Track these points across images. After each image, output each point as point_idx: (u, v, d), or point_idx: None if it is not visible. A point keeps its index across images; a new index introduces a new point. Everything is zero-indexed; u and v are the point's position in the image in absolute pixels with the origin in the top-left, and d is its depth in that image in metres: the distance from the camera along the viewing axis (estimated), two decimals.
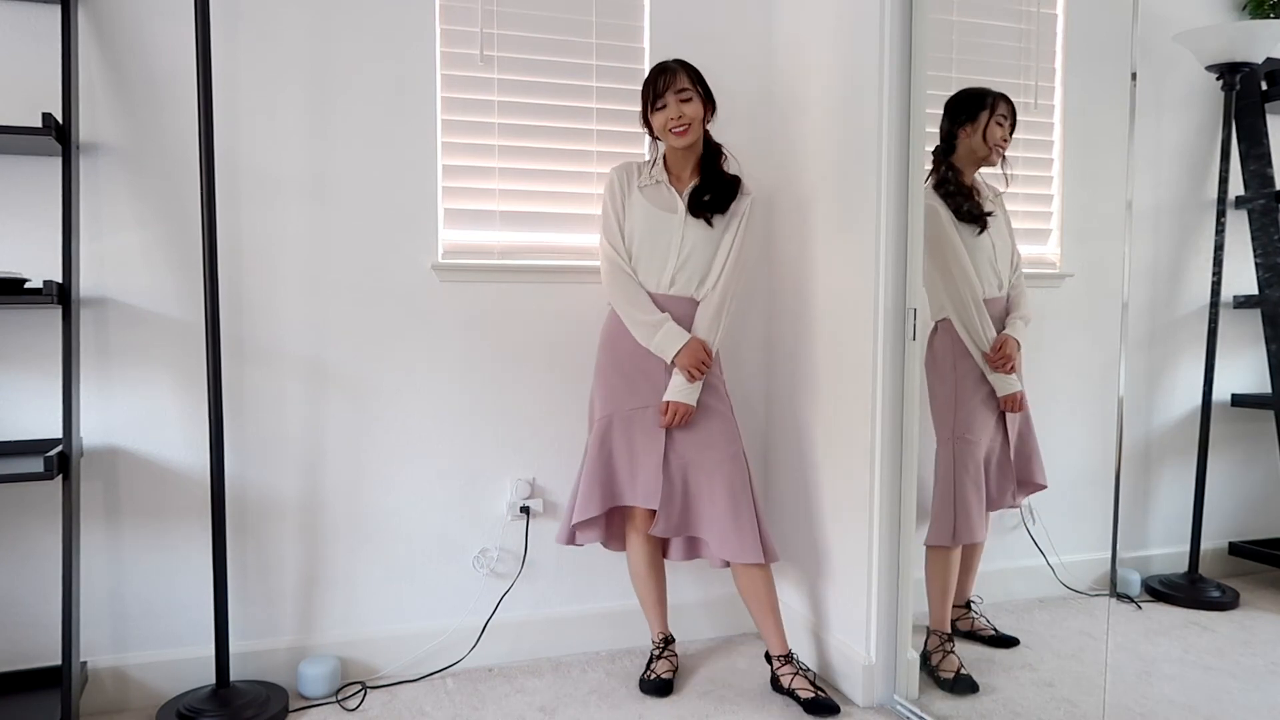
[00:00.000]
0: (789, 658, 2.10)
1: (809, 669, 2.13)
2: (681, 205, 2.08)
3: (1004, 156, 2.11)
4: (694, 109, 2.03)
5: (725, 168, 2.13)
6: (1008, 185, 2.14)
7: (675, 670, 2.20)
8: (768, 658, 2.13)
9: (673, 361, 2.04)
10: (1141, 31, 1.69)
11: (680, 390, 2.03)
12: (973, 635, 2.23)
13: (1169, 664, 2.11)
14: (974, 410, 2.11)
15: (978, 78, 2.15)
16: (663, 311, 2.06)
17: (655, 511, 2.07)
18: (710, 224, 2.07)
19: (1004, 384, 2.10)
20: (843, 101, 2.14)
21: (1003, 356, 2.08)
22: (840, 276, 2.17)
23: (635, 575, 2.22)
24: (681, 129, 2.02)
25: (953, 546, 2.11)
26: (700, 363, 2.04)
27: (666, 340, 2.04)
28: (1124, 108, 1.69)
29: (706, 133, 2.12)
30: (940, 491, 2.12)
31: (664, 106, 2.02)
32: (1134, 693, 1.99)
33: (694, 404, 2.04)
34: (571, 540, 2.16)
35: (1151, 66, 2.26)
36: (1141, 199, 2.28)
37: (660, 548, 2.23)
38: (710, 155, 2.12)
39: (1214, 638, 2.21)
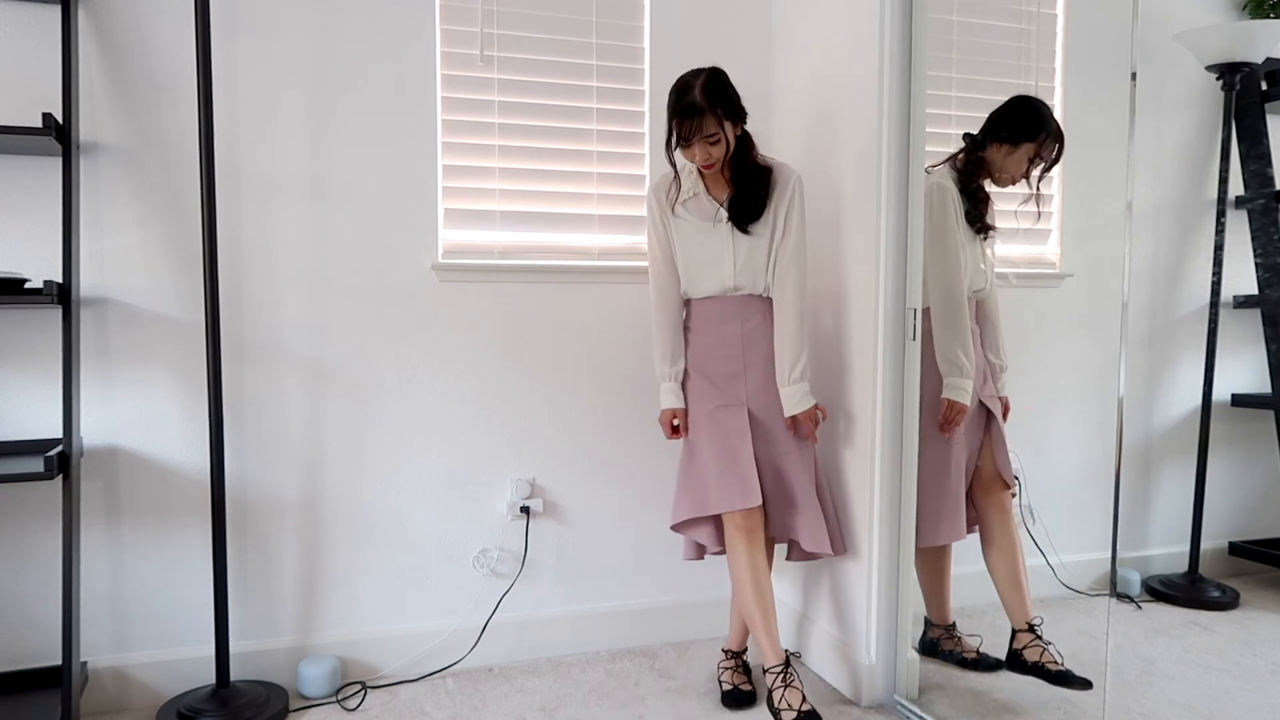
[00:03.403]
0: (735, 655, 2.17)
1: (747, 667, 2.17)
2: (724, 214, 2.00)
3: (1039, 194, 2.03)
4: (720, 150, 1.91)
5: (757, 161, 2.00)
6: (1038, 221, 2.09)
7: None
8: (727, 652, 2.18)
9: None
10: (1141, 31, 1.68)
11: (796, 399, 1.98)
12: (1040, 669, 2.00)
13: (1169, 664, 2.11)
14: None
15: (978, 78, 2.15)
16: (734, 312, 2.01)
17: (756, 512, 1.99)
18: (748, 232, 1.98)
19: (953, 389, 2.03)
20: (843, 102, 2.14)
21: (947, 421, 2.03)
22: (840, 276, 2.17)
23: (740, 584, 1.98)
24: (709, 167, 1.94)
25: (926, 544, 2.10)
26: (664, 426, 2.06)
27: (662, 395, 2.07)
28: (1124, 108, 1.69)
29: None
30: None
31: (689, 148, 1.90)
32: (1134, 693, 1.99)
33: (813, 404, 1.99)
34: (699, 555, 2.08)
35: (1151, 66, 2.26)
36: (1141, 199, 2.28)
37: (765, 548, 2.06)
38: (740, 156, 1.98)
39: (1214, 638, 2.21)
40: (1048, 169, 2.00)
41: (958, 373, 2.01)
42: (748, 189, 1.98)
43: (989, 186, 2.07)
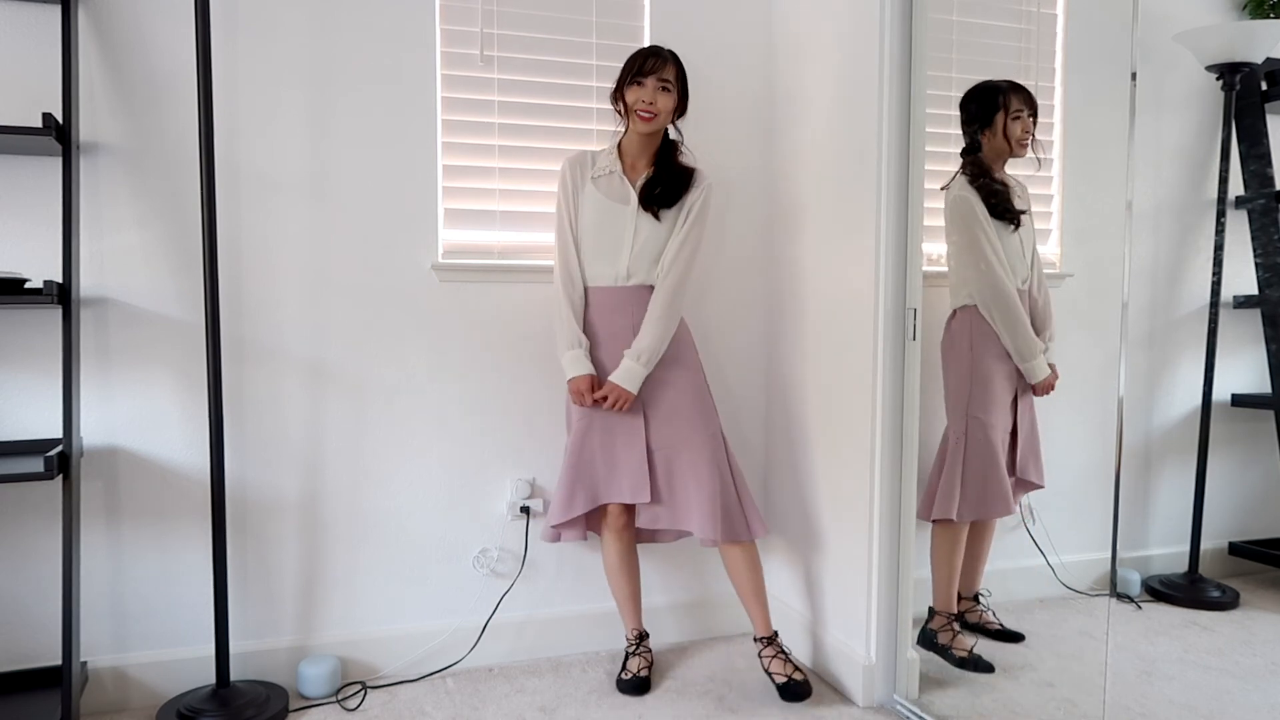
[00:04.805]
0: (770, 640, 2.12)
1: (788, 651, 2.14)
2: (634, 196, 2.07)
3: (1035, 140, 2.10)
4: (667, 102, 2.03)
5: (681, 161, 2.12)
6: (1040, 168, 2.14)
7: (650, 666, 2.21)
8: (755, 639, 2.16)
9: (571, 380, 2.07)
10: (1141, 31, 1.69)
11: (626, 375, 2.02)
12: (980, 629, 2.23)
13: (1169, 664, 2.11)
14: (990, 391, 2.11)
15: (978, 78, 2.15)
16: (626, 302, 2.07)
17: (633, 505, 2.10)
18: (658, 217, 2.06)
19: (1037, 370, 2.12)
20: (843, 102, 2.14)
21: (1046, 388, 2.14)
22: (841, 276, 2.17)
23: (610, 571, 2.22)
24: (649, 115, 2.02)
25: (958, 521, 2.12)
26: (579, 394, 2.05)
27: (569, 365, 2.06)
28: (1124, 108, 1.69)
29: (666, 130, 2.12)
30: (949, 466, 2.12)
31: (642, 85, 2.01)
32: (1134, 693, 1.99)
33: (635, 392, 2.03)
34: (557, 539, 2.17)
35: (1151, 66, 2.26)
36: (1141, 199, 2.28)
37: (635, 541, 2.23)
38: (666, 148, 2.11)
39: (1214, 638, 2.21)
40: (1033, 115, 2.10)
41: (1032, 355, 2.09)
42: (668, 178, 2.07)
43: (1008, 173, 2.13)
